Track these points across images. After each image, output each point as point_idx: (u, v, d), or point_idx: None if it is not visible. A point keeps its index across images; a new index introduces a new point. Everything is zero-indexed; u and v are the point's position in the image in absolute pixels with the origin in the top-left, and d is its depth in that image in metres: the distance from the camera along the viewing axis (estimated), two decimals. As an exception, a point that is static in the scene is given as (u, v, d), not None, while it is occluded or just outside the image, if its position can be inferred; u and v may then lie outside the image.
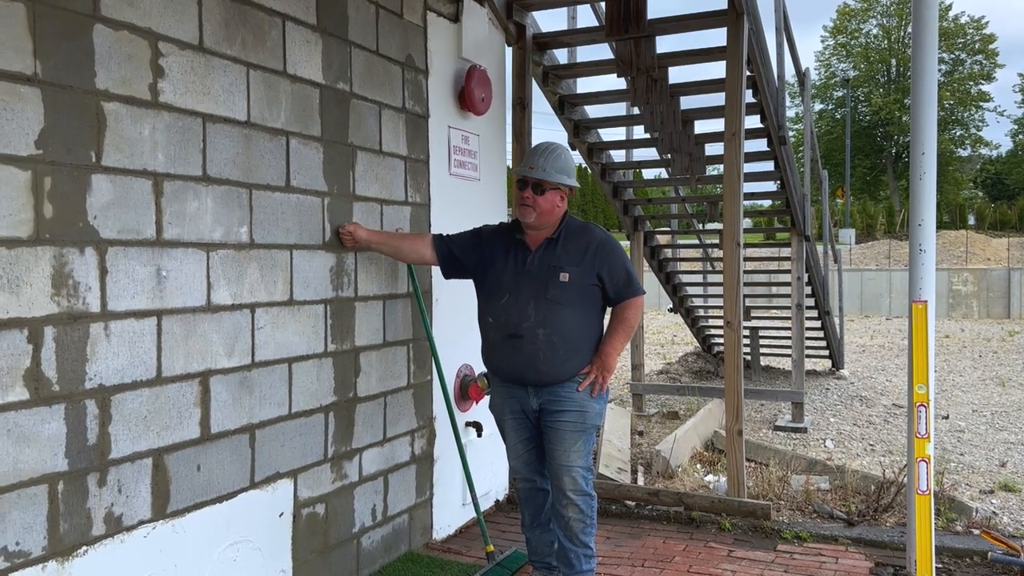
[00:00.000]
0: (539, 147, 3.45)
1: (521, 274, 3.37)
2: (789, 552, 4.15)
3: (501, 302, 3.38)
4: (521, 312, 3.31)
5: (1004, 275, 24.41)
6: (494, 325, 3.40)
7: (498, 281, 3.41)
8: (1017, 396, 9.93)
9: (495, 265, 3.44)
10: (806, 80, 7.55)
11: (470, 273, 3.58)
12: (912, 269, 3.70)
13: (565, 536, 3.43)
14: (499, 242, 3.50)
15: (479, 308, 3.52)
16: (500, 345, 3.39)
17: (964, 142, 60.79)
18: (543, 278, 3.33)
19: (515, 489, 3.61)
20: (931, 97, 3.64)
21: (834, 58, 59.91)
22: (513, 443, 3.54)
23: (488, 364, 3.55)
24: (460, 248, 3.56)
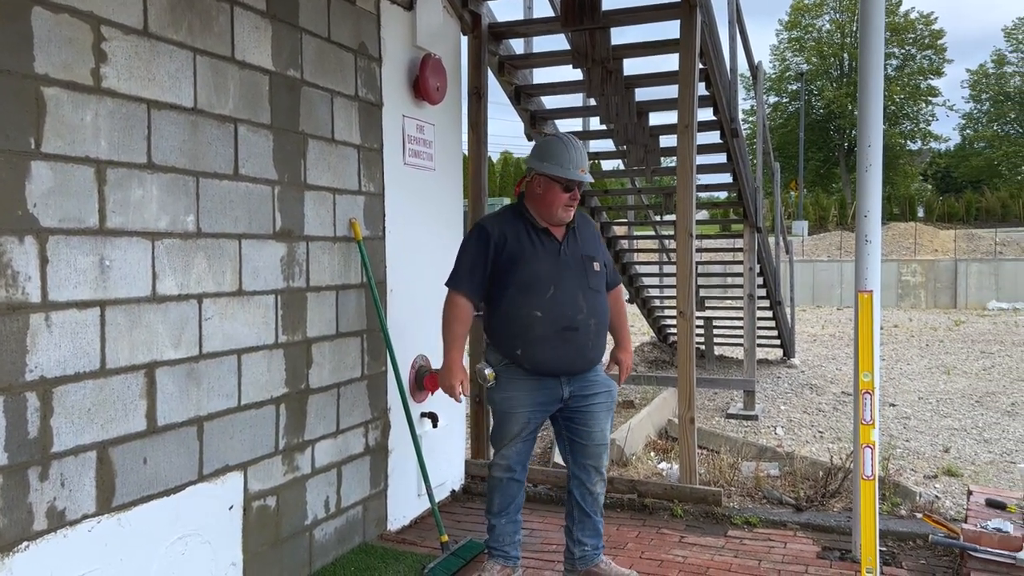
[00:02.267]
0: (580, 146, 3.40)
1: (558, 265, 3.35)
2: (739, 537, 4.22)
3: (548, 295, 3.30)
4: (573, 304, 3.33)
5: (951, 266, 25.10)
6: (544, 319, 3.29)
7: (535, 273, 3.32)
8: (962, 384, 10.23)
9: (524, 257, 3.34)
10: (759, 73, 7.64)
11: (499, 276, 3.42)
12: (858, 259, 3.79)
13: (593, 511, 3.58)
14: (515, 233, 3.38)
15: (512, 301, 3.33)
16: (550, 339, 3.30)
17: (914, 136, 62.20)
18: (580, 268, 3.41)
19: (490, 477, 3.55)
20: (877, 91, 3.72)
21: (788, 52, 60.80)
22: (519, 433, 3.44)
23: (528, 357, 3.33)
24: (483, 279, 3.40)
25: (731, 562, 3.89)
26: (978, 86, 66.45)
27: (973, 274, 24.63)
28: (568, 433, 3.53)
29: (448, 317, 3.40)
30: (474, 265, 3.39)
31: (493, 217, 3.53)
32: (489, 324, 3.49)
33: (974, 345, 14.47)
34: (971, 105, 67.80)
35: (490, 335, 3.50)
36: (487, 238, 3.39)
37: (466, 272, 3.39)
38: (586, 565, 3.56)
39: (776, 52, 61.23)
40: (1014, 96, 65.06)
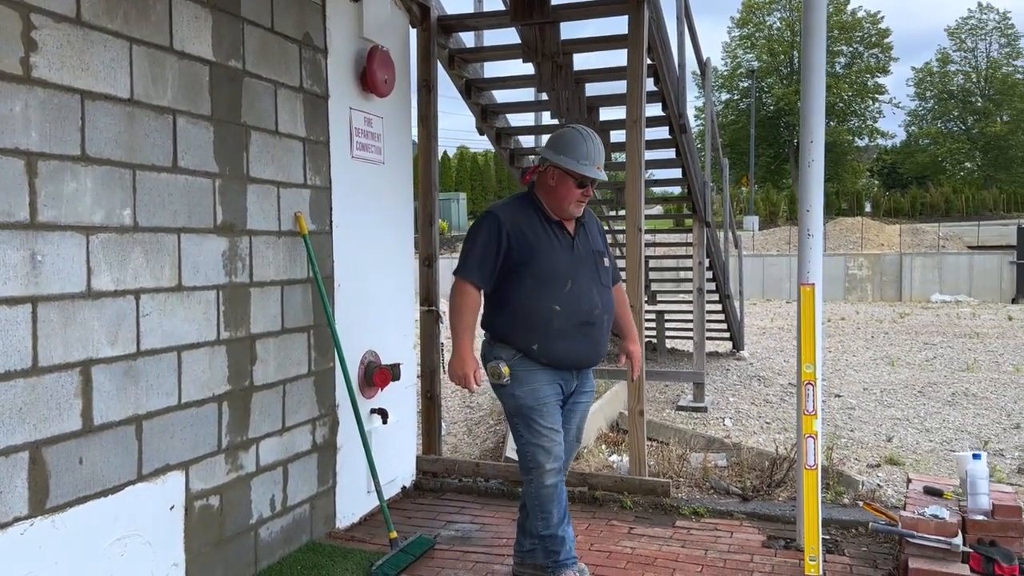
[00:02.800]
0: (597, 140, 3.33)
1: (572, 260, 3.32)
2: (687, 528, 4.27)
3: (565, 289, 3.26)
4: (589, 299, 3.31)
5: (896, 260, 25.74)
6: (563, 313, 3.25)
7: (552, 267, 3.26)
8: (905, 374, 10.49)
9: (541, 249, 3.27)
10: (707, 69, 7.73)
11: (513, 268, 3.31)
12: (800, 253, 3.85)
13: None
14: (530, 224, 3.30)
15: (530, 294, 3.26)
16: (569, 333, 3.27)
17: (861, 133, 63.58)
18: (592, 263, 3.38)
19: (542, 489, 3.30)
20: (819, 88, 3.78)
21: (740, 49, 61.64)
22: (557, 428, 3.33)
23: (547, 351, 3.26)
24: (494, 269, 3.29)
25: (678, 552, 3.93)
26: (923, 84, 68.20)
27: (917, 268, 25.30)
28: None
29: (458, 305, 3.27)
30: (485, 254, 3.27)
31: (505, 206, 3.39)
32: (498, 317, 3.35)
33: (918, 337, 14.85)
34: (916, 103, 69.57)
35: (499, 329, 3.35)
36: (499, 227, 3.27)
37: (476, 261, 3.28)
38: (535, 559, 3.54)
39: (728, 50, 62.00)
40: (957, 94, 66.93)
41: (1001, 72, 65.53)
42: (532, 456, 3.32)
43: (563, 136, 3.33)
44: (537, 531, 3.39)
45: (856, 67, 61.09)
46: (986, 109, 65.44)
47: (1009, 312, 19.88)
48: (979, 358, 11.92)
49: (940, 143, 66.72)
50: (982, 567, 3.19)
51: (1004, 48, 66.37)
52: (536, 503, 3.36)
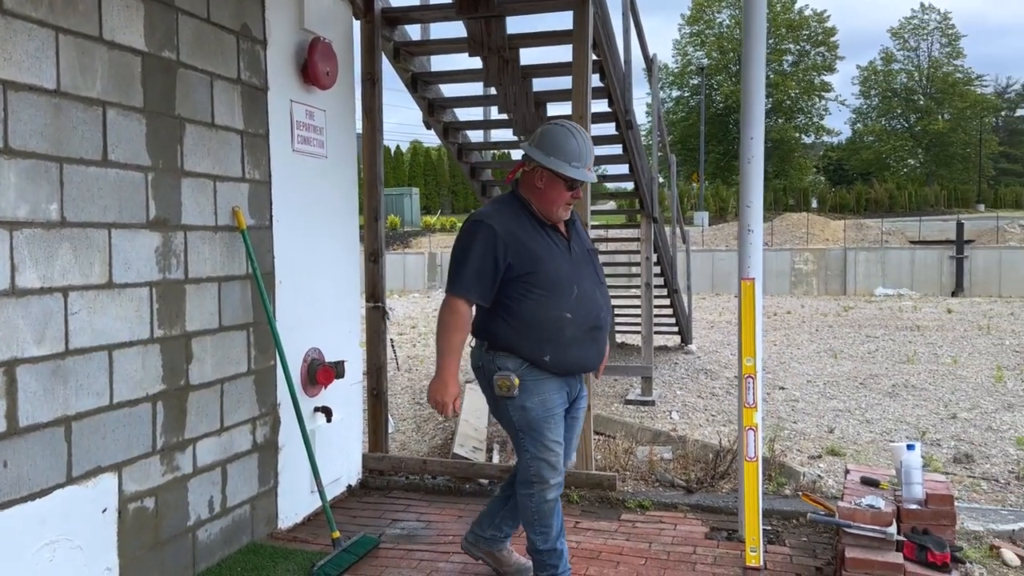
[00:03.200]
0: (588, 139, 3.18)
1: (571, 263, 3.17)
2: (632, 521, 4.30)
3: (573, 296, 3.10)
4: (595, 302, 3.19)
5: (841, 255, 26.30)
6: (574, 320, 3.10)
7: (557, 275, 3.09)
8: (848, 367, 10.73)
9: (542, 258, 3.08)
10: (653, 66, 7.78)
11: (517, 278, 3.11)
12: (741, 248, 3.89)
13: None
14: (525, 231, 3.10)
15: (539, 304, 3.06)
16: (581, 340, 3.14)
17: (808, 130, 64.86)
18: (589, 263, 3.27)
19: (543, 503, 3.19)
20: (759, 85, 3.82)
21: (690, 47, 62.35)
22: (561, 440, 3.19)
23: (556, 361, 3.11)
24: (493, 284, 3.07)
25: (623, 545, 3.96)
26: (868, 82, 69.91)
27: (861, 262, 25.88)
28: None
29: (447, 323, 3.06)
30: (482, 268, 3.03)
31: (494, 213, 3.13)
32: (500, 327, 3.12)
33: (860, 330, 15.21)
34: (861, 101, 71.29)
35: (503, 339, 3.12)
36: (495, 239, 3.03)
37: (472, 276, 3.03)
38: (491, 547, 3.50)
39: (678, 47, 62.70)
40: (900, 92, 68.74)
41: (942, 71, 67.48)
42: (537, 471, 3.16)
43: (551, 134, 3.12)
44: (535, 545, 3.26)
45: (803, 65, 62.27)
46: (928, 107, 67.34)
47: (948, 305, 20.48)
48: (919, 350, 12.25)
49: (884, 140, 68.48)
50: (915, 555, 3.26)
51: (945, 48, 68.38)
52: (536, 517, 3.22)
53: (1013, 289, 24.16)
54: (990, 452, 6.45)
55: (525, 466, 3.20)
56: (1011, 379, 9.76)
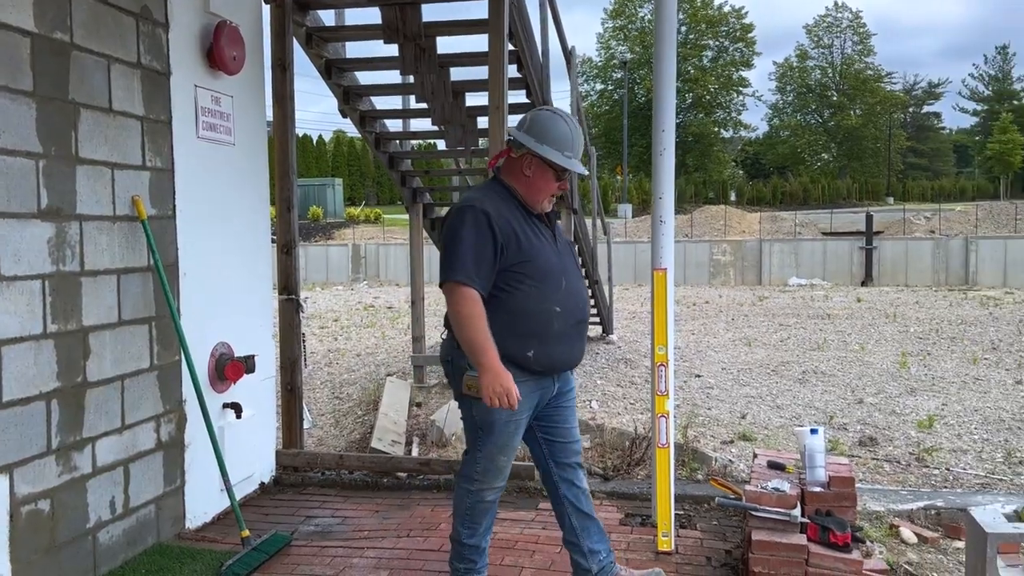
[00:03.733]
0: (579, 129, 3.05)
1: (560, 255, 3.05)
2: (549, 510, 4.26)
3: (562, 288, 2.98)
4: (580, 296, 3.09)
5: (757, 246, 27.06)
6: (562, 314, 2.97)
7: (548, 265, 2.97)
8: (761, 354, 11.04)
9: (534, 247, 2.94)
10: (572, 58, 7.82)
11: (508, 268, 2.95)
12: (654, 239, 3.94)
13: (591, 510, 3.25)
14: (516, 219, 2.96)
15: (528, 296, 2.92)
16: (568, 334, 3.01)
17: (727, 124, 66.52)
18: (572, 256, 3.18)
19: (479, 501, 3.11)
20: (670, 79, 3.86)
21: (613, 41, 63.05)
22: (515, 445, 3.07)
23: (540, 358, 2.95)
24: (491, 271, 2.89)
25: (539, 534, 3.97)
26: (783, 78, 72.11)
27: (776, 253, 26.68)
28: (546, 435, 3.18)
29: (468, 314, 2.80)
30: (481, 255, 2.84)
31: (484, 198, 2.95)
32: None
33: (774, 319, 15.67)
34: (777, 96, 73.49)
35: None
36: (489, 223, 2.85)
37: (472, 263, 2.83)
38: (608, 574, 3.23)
39: (602, 41, 63.31)
40: (815, 88, 71.12)
41: (854, 68, 70.12)
42: (483, 471, 3.06)
43: (543, 120, 2.99)
44: (459, 536, 3.16)
45: (722, 61, 63.70)
46: (841, 103, 69.89)
47: (858, 294, 21.31)
48: (829, 338, 12.70)
49: (799, 135, 70.80)
50: (819, 536, 3.37)
51: (857, 45, 71.08)
52: (468, 512, 3.13)
53: (918, 278, 25.31)
54: (893, 435, 6.73)
55: (473, 462, 3.09)
56: (914, 365, 10.21)
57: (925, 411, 7.53)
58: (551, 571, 3.55)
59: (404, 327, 14.62)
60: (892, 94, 70.98)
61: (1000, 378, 9.29)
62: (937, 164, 77.29)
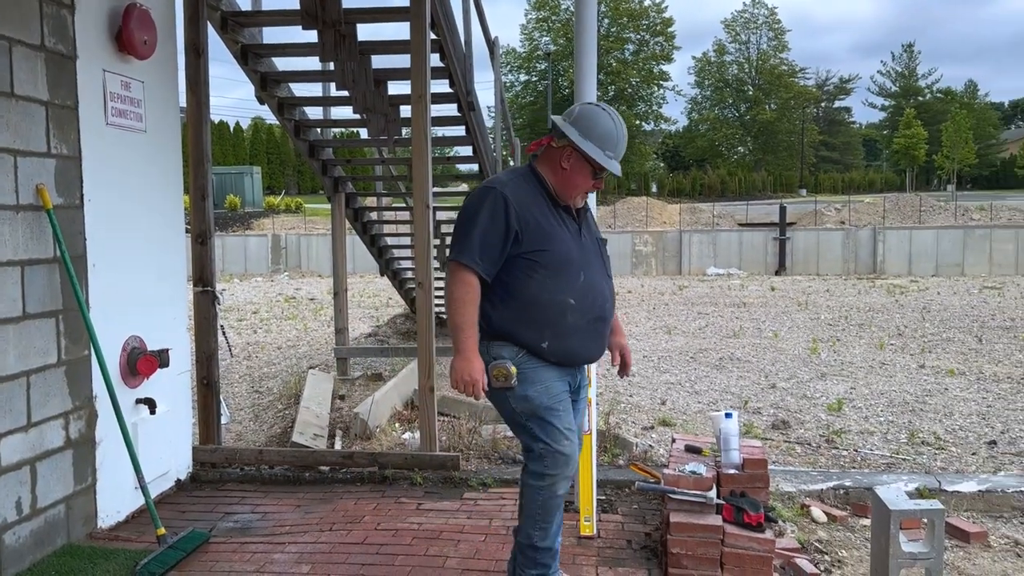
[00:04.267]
0: (625, 129, 2.98)
1: (582, 249, 2.97)
2: (474, 499, 4.34)
3: (580, 282, 2.92)
4: (601, 294, 3.00)
5: (677, 237, 27.66)
6: (577, 308, 2.90)
7: (567, 257, 2.90)
8: (680, 342, 11.33)
9: (554, 237, 2.88)
10: (495, 48, 7.82)
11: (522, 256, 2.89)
12: (576, 229, 3.99)
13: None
14: (539, 206, 2.90)
15: (542, 286, 2.87)
16: (583, 329, 2.94)
17: (648, 117, 67.63)
18: (599, 252, 3.08)
19: (552, 498, 2.98)
20: (591, 72, 3.91)
21: (536, 32, 63.30)
22: (573, 428, 3.00)
23: (555, 349, 2.91)
24: (499, 255, 2.85)
25: (464, 524, 3.99)
26: (702, 73, 73.73)
27: (695, 244, 27.34)
28: None
29: (458, 297, 2.80)
30: (488, 238, 2.81)
31: (508, 182, 2.91)
32: (497, 311, 2.90)
33: (693, 307, 16.09)
34: (696, 90, 75.12)
35: (497, 324, 2.91)
36: (506, 207, 2.81)
37: (477, 245, 2.80)
38: None
39: (525, 32, 63.46)
40: (732, 83, 72.94)
41: (770, 63, 72.18)
42: (552, 462, 2.93)
43: (592, 117, 2.92)
44: (531, 540, 3.02)
45: (643, 54, 64.65)
46: (756, 97, 71.89)
47: (772, 284, 22.05)
48: (745, 326, 13.11)
49: (717, 129, 72.57)
50: (733, 516, 3.48)
51: (772, 41, 73.17)
52: (541, 512, 2.99)
53: (829, 268, 26.32)
54: (804, 418, 7.00)
55: (539, 457, 2.96)
56: (825, 351, 10.64)
57: (834, 395, 7.87)
58: (476, 559, 3.57)
59: (327, 319, 14.43)
60: (805, 89, 73.40)
61: (905, 363, 9.77)
62: (847, 157, 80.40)
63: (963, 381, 8.61)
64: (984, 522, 4.23)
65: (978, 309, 15.43)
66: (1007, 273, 24.61)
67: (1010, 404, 7.52)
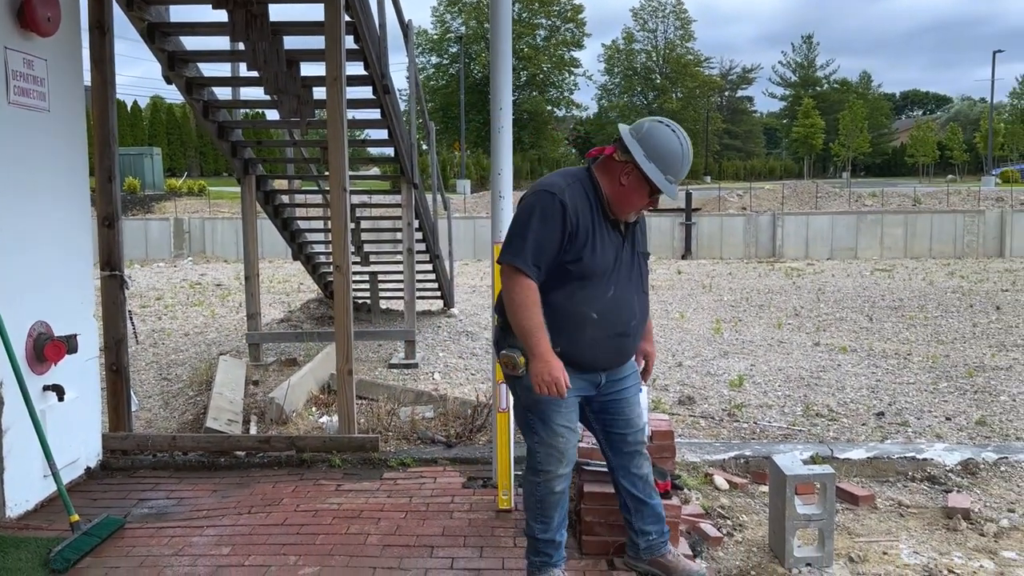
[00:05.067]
0: (691, 153, 2.92)
1: (619, 263, 2.93)
2: (394, 479, 4.41)
3: (608, 295, 2.89)
4: (629, 310, 2.97)
5: (588, 221, 28.11)
6: (599, 322, 2.88)
7: (600, 269, 2.88)
8: (593, 324, 11.61)
9: (595, 249, 2.85)
10: (409, 32, 7.81)
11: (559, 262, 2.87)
12: (493, 214, 4.09)
13: (648, 495, 3.21)
14: (588, 214, 2.86)
15: (569, 295, 2.87)
16: (601, 343, 2.92)
17: (559, 104, 68.23)
18: (636, 268, 3.03)
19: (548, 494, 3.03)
20: (506, 58, 4.00)
21: (448, 14, 62.88)
22: (573, 427, 3.02)
23: (569, 355, 2.88)
24: (551, 261, 2.84)
25: (384, 502, 4.06)
26: (612, 60, 74.80)
27: (606, 228, 27.86)
28: (604, 426, 3.15)
29: (521, 302, 2.78)
30: (544, 244, 2.79)
31: (566, 187, 2.85)
32: None
33: (605, 290, 16.47)
34: (606, 78, 76.18)
35: None
36: (563, 213, 2.79)
37: (532, 249, 2.78)
38: (652, 554, 3.24)
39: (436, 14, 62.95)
40: (640, 71, 74.26)
41: (676, 52, 73.77)
42: (544, 459, 3.00)
43: (659, 136, 2.86)
44: (533, 532, 3.10)
45: (554, 40, 65.11)
46: (663, 86, 73.47)
47: (679, 267, 22.73)
48: (653, 308, 13.46)
49: (626, 116, 73.74)
50: (643, 485, 3.67)
51: (679, 31, 74.78)
52: (539, 506, 3.07)
53: (732, 252, 27.29)
54: (708, 394, 7.33)
55: (533, 451, 3.04)
56: (727, 330, 11.10)
57: (736, 372, 8.25)
58: (397, 535, 3.65)
59: (235, 305, 14.13)
60: (710, 79, 75.44)
61: (801, 340, 10.30)
62: (749, 145, 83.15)
63: (854, 357, 9.15)
64: (872, 486, 4.56)
65: (869, 290, 16.34)
66: (897, 256, 26.08)
67: (897, 378, 8.05)
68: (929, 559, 3.59)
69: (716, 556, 3.61)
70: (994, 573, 3.46)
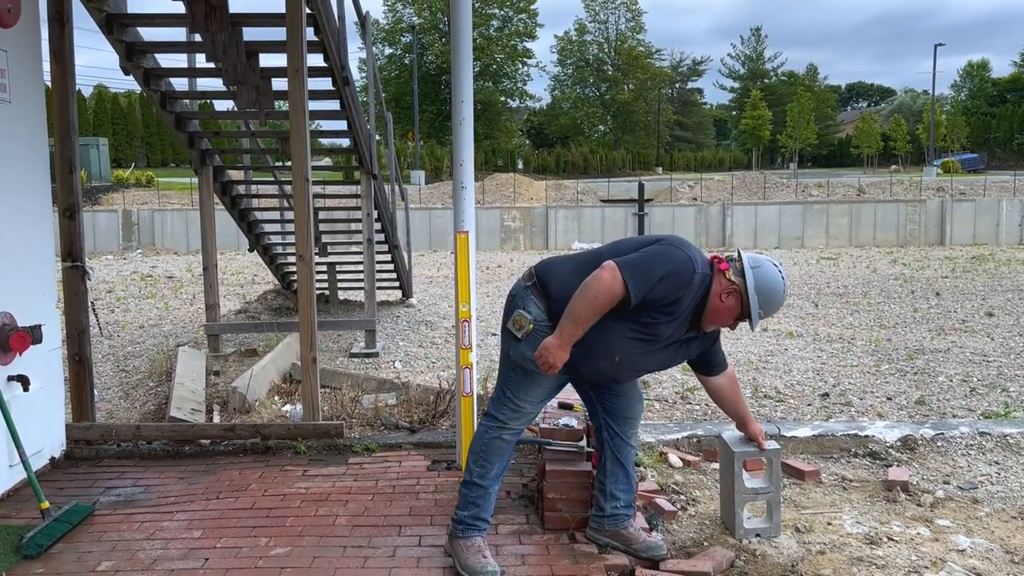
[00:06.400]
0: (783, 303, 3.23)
1: (668, 347, 3.17)
2: (359, 463, 4.51)
3: (638, 356, 3.14)
4: (645, 370, 3.35)
5: (544, 212, 28.32)
6: (615, 364, 3.13)
7: (658, 341, 3.11)
8: (549, 313, 11.78)
9: (669, 325, 3.07)
10: (367, 23, 7.86)
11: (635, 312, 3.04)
12: (456, 204, 4.20)
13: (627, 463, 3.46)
14: (690, 304, 3.06)
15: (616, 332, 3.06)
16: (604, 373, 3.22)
17: (513, 94, 68.26)
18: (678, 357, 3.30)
19: (495, 440, 3.24)
20: (467, 50, 4.10)
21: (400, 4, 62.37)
22: (541, 396, 3.26)
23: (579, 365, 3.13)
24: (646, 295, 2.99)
25: (351, 486, 4.16)
26: (564, 52, 75.03)
27: (561, 219, 28.10)
28: (604, 401, 3.42)
29: (601, 302, 2.94)
30: (657, 290, 2.95)
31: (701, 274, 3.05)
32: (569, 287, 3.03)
33: (561, 280, 16.67)
34: (559, 69, 76.39)
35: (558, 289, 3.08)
36: (685, 289, 3.00)
37: (646, 283, 2.93)
38: (615, 525, 3.43)
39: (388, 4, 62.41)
40: (592, 63, 74.64)
41: (627, 44, 74.29)
42: (506, 411, 3.23)
43: (770, 277, 3.10)
44: (470, 475, 3.27)
45: (507, 31, 65.08)
46: (615, 78, 74.00)
47: (633, 256, 23.01)
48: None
49: (579, 107, 74.18)
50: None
51: (630, 23, 75.30)
52: (484, 449, 3.26)
53: (684, 241, 27.69)
54: (662, 378, 7.54)
55: (499, 400, 3.25)
56: (680, 318, 11.37)
57: (690, 357, 8.49)
58: (365, 516, 3.76)
59: (189, 297, 14.01)
60: (661, 71, 76.20)
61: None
62: (700, 137, 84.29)
63: (801, 342, 9.48)
64: (817, 462, 4.79)
65: (815, 278, 16.82)
66: (842, 245, 26.80)
67: (841, 362, 8.38)
68: (870, 528, 3.82)
69: (671, 529, 3.79)
70: (930, 539, 3.70)
